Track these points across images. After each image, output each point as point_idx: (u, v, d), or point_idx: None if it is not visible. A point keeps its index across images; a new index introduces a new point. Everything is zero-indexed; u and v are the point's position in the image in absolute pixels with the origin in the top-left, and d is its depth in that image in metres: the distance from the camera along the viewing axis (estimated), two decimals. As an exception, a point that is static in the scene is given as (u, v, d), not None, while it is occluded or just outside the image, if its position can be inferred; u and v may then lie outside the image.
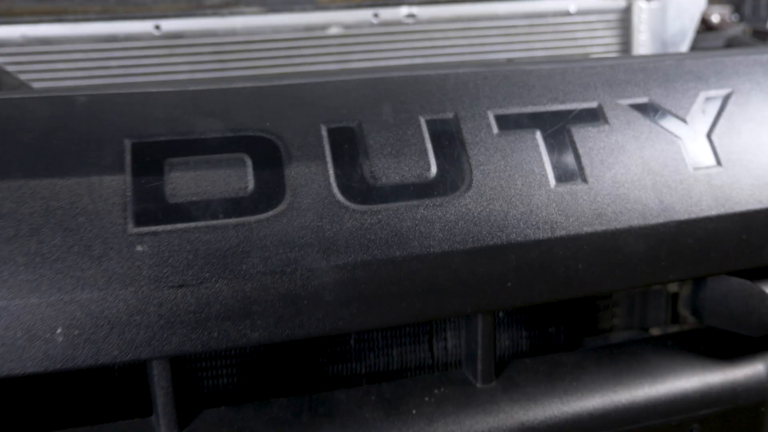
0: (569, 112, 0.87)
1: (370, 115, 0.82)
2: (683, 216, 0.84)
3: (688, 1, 1.40)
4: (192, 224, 0.73)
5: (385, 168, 0.79)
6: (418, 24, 1.31)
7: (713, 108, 0.91)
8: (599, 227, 0.82)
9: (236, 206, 0.74)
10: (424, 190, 0.79)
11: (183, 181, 0.74)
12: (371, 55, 1.30)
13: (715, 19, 1.62)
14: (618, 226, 0.82)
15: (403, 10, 1.31)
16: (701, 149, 0.88)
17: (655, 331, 1.08)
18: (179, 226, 0.73)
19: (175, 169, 0.75)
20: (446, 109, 0.84)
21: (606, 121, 0.87)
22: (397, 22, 1.30)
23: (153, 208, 0.73)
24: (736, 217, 0.86)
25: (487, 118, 0.84)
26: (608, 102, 0.88)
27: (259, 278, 0.73)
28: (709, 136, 0.89)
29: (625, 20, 1.39)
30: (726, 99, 0.92)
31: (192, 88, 0.82)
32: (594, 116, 0.87)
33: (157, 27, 1.21)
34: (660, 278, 0.85)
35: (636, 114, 0.88)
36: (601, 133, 0.86)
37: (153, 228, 0.72)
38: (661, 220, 0.83)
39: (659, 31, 1.40)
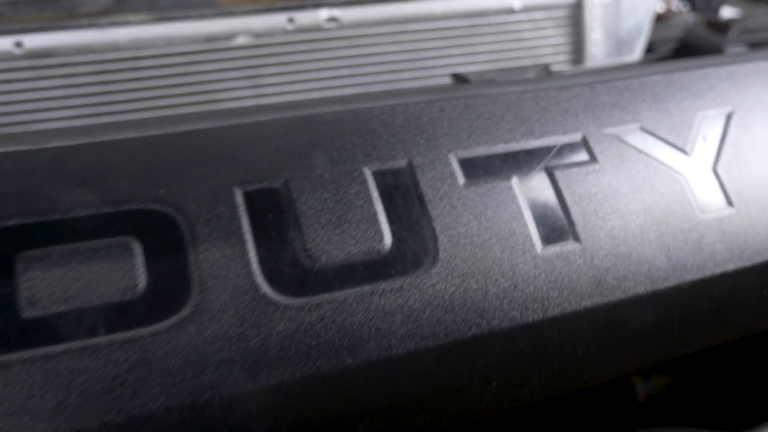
0: (549, 149, 0.69)
1: (300, 170, 0.61)
2: (696, 275, 0.68)
3: (642, -7, 1.24)
4: (60, 347, 0.52)
5: (323, 243, 0.59)
6: (341, 29, 1.10)
7: (715, 133, 0.75)
8: (600, 299, 0.64)
9: (122, 315, 0.54)
10: (377, 269, 0.59)
11: (45, 284, 0.53)
12: (287, 68, 1.09)
13: (659, 8, 1.48)
14: (622, 296, 0.65)
15: (323, 13, 1.10)
16: (708, 186, 0.72)
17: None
18: (40, 351, 0.51)
19: (32, 266, 0.53)
20: (397, 155, 0.65)
21: (594, 157, 0.69)
22: (317, 28, 1.09)
23: (1, 328, 0.51)
24: (757, 270, 0.70)
25: (450, 164, 0.65)
26: (593, 132, 0.71)
27: (162, 417, 0.52)
28: (714, 169, 0.73)
29: (575, 17, 1.23)
30: (728, 120, 0.76)
31: (54, 144, 0.60)
32: (579, 152, 0.70)
33: (18, 44, 0.96)
34: (673, 353, 0.69)
35: (627, 146, 0.71)
36: (590, 175, 0.68)
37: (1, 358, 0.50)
38: (671, 282, 0.67)
39: (613, 28, 1.24)
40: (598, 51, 1.24)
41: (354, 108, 0.67)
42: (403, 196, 0.63)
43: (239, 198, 0.59)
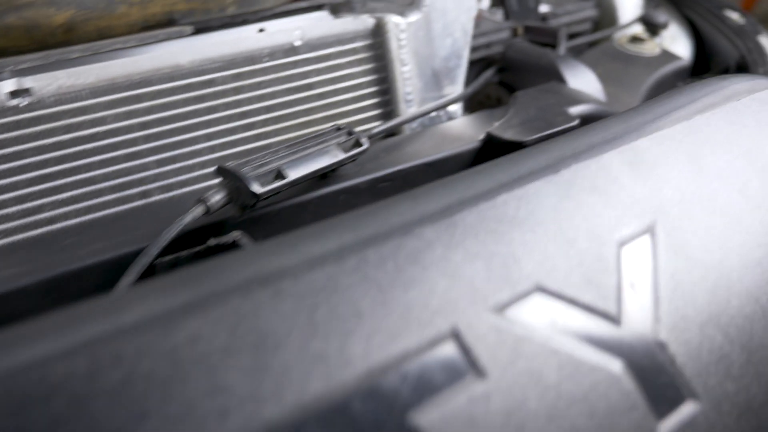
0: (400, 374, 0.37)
1: None
2: None
3: (456, 7, 0.95)
4: None
5: None
6: (38, 106, 0.72)
7: (643, 270, 0.47)
8: None
9: None
10: None
11: None
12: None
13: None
14: None
15: (7, 85, 0.71)
16: (658, 372, 0.43)
17: None
18: None
19: None
20: None
21: (481, 372, 0.38)
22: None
23: None
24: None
25: None
26: (472, 318, 0.40)
27: None
28: (657, 338, 0.45)
29: (378, 46, 0.92)
30: (655, 245, 0.48)
31: None
32: (455, 369, 0.38)
33: None
34: None
35: (531, 330, 0.41)
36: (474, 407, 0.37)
37: None
38: None
39: (427, 56, 0.94)
40: (412, 88, 0.94)
41: None
42: None
43: None
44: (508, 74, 1.12)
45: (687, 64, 1.27)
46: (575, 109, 0.92)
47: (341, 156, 0.75)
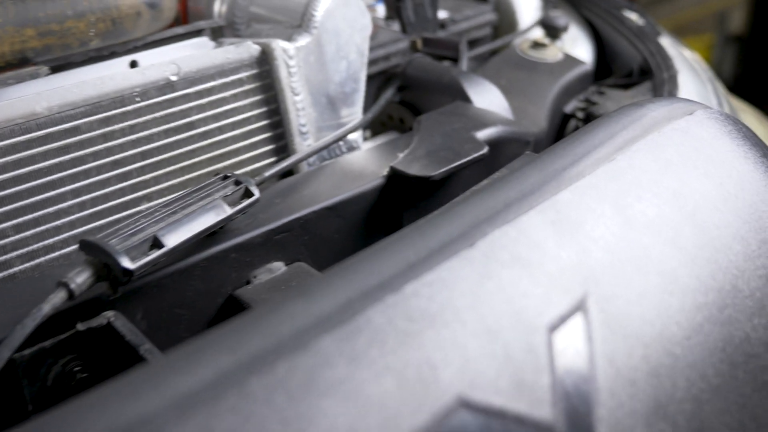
0: None
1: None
2: None
3: (349, 27, 0.88)
4: None
5: None
6: None
7: (580, 365, 0.40)
8: None
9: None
10: None
11: None
12: None
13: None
14: None
15: None
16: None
17: None
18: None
19: None
20: None
21: None
22: None
23: None
24: None
25: None
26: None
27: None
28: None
29: (265, 75, 0.83)
30: (589, 325, 0.42)
31: None
32: None
33: None
34: None
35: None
36: None
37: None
38: None
39: (320, 82, 0.86)
40: (306, 119, 0.86)
41: None
42: None
43: None
44: (409, 92, 1.05)
45: (590, 68, 1.23)
46: (483, 134, 0.86)
47: (229, 211, 0.66)
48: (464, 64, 1.05)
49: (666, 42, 1.25)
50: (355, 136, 0.92)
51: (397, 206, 0.79)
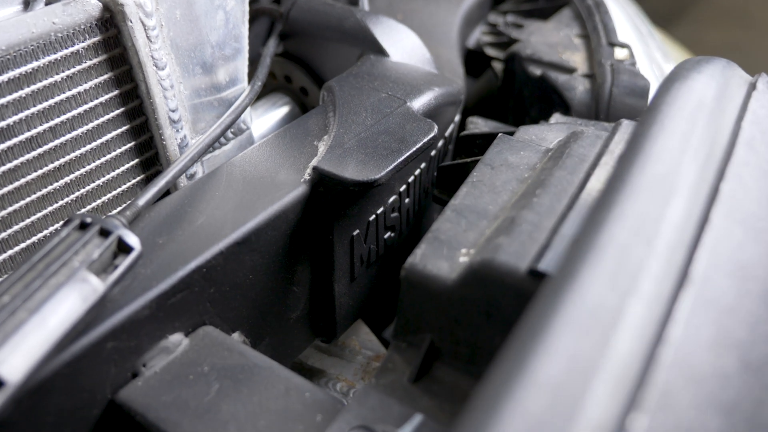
0: None
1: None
2: None
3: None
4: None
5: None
6: None
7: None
8: None
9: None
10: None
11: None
12: None
13: None
14: None
15: None
16: None
17: None
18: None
19: None
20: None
21: None
22: None
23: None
24: None
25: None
26: None
27: None
28: None
29: (113, 44, 0.56)
30: None
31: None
32: None
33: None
34: None
35: None
36: None
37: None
38: None
39: (193, 47, 0.61)
40: (177, 101, 0.60)
41: None
42: None
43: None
44: (294, 42, 0.80)
45: (488, -10, 1.04)
46: (420, 103, 0.65)
47: (100, 288, 0.42)
48: (365, 2, 0.81)
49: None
50: (245, 115, 0.68)
51: (326, 218, 0.58)
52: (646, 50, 0.90)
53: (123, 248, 0.45)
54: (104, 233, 0.44)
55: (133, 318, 0.46)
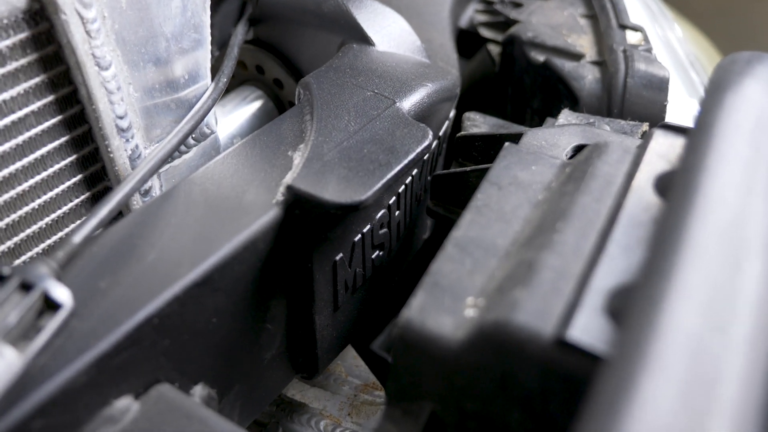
0: None
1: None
2: None
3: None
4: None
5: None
6: None
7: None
8: None
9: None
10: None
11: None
12: None
13: None
14: None
15: None
16: None
17: None
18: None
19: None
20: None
21: None
22: None
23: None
24: None
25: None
26: None
27: None
28: None
29: (46, 40, 0.47)
30: None
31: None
32: None
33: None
34: None
35: None
36: None
37: None
38: None
39: (143, 40, 0.52)
40: (126, 106, 0.51)
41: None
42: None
43: None
44: (266, 28, 0.71)
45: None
46: (410, 103, 0.57)
47: (17, 362, 0.34)
48: None
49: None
50: (209, 117, 0.59)
51: (304, 245, 0.49)
52: (661, 33, 0.81)
53: (50, 305, 0.36)
54: (25, 287, 0.36)
55: (66, 388, 0.37)
